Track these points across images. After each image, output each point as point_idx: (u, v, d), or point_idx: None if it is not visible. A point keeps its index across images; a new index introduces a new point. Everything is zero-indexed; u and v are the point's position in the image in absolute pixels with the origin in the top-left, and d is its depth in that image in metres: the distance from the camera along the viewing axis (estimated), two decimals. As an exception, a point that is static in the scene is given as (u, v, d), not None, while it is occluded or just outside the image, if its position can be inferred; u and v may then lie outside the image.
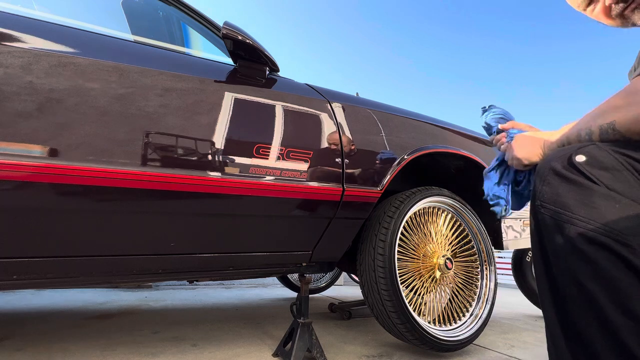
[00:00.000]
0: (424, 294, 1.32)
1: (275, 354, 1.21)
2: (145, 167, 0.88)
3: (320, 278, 2.71)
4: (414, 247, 1.34)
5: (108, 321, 1.63)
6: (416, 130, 1.43)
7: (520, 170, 0.76)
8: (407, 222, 1.32)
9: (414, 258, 1.33)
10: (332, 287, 2.84)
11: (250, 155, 1.02)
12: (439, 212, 1.44)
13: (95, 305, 1.99)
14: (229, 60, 1.15)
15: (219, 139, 0.99)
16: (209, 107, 1.00)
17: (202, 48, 1.37)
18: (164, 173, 0.90)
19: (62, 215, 0.84)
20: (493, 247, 1.55)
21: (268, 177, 1.03)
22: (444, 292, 1.38)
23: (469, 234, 1.49)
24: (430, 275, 1.33)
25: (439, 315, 1.35)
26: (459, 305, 1.40)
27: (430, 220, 1.40)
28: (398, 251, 1.26)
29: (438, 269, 1.32)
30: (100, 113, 0.85)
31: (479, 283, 1.46)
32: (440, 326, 1.32)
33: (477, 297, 1.44)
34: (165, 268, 1.01)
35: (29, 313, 1.76)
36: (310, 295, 1.40)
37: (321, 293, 2.78)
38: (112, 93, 0.88)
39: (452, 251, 1.42)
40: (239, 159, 1.00)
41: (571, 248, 0.49)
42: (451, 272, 1.35)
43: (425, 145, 1.39)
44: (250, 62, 1.13)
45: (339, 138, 1.19)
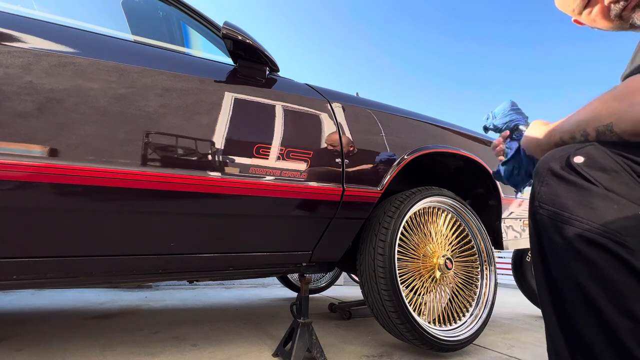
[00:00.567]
0: (424, 294, 1.31)
1: (275, 354, 1.21)
2: (145, 167, 0.88)
3: (320, 278, 2.71)
4: (414, 247, 1.34)
5: (108, 321, 1.63)
6: (416, 130, 1.43)
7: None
8: (407, 222, 1.32)
9: (414, 258, 1.33)
10: (332, 287, 2.84)
11: (250, 155, 1.02)
12: (439, 212, 1.44)
13: (95, 305, 1.99)
14: (229, 60, 1.15)
15: (219, 139, 0.99)
16: (209, 107, 1.00)
17: (202, 48, 1.37)
18: (164, 173, 0.90)
19: (62, 215, 0.84)
20: (493, 247, 1.55)
21: (268, 177, 1.03)
22: (444, 292, 1.38)
23: (469, 234, 1.49)
24: (430, 275, 1.33)
25: (439, 315, 1.35)
26: (459, 305, 1.40)
27: (430, 220, 1.40)
28: (398, 251, 1.26)
29: (438, 269, 1.32)
30: (100, 113, 0.85)
31: (479, 283, 1.46)
32: (440, 326, 1.32)
33: (477, 297, 1.44)
34: (165, 268, 1.01)
35: (29, 313, 1.76)
36: (310, 295, 1.40)
37: (321, 293, 2.78)
38: (112, 93, 0.88)
39: (452, 251, 1.42)
40: (239, 159, 1.00)
41: (570, 249, 0.49)
42: (451, 272, 1.35)
43: (425, 145, 1.39)
44: (250, 62, 1.13)
45: (339, 138, 1.19)
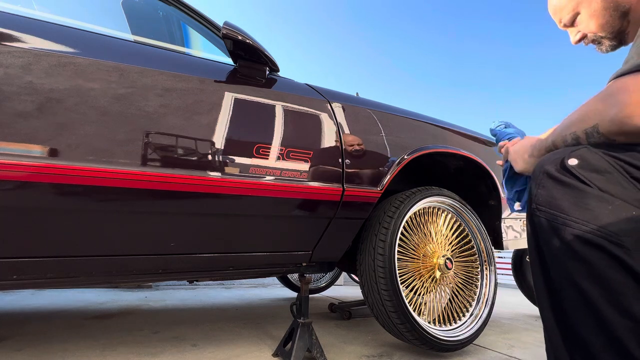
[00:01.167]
0: (424, 294, 1.32)
1: (275, 354, 1.21)
2: (145, 167, 0.88)
3: (320, 278, 2.71)
4: (414, 247, 1.34)
5: (108, 321, 1.63)
6: (416, 130, 1.43)
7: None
8: (407, 222, 1.32)
9: (414, 258, 1.33)
10: (332, 287, 2.84)
11: (250, 155, 1.02)
12: (439, 212, 1.44)
13: (95, 305, 1.99)
14: (229, 60, 1.15)
15: (219, 139, 0.99)
16: (209, 107, 1.00)
17: (202, 48, 1.37)
18: (164, 173, 0.90)
19: (62, 215, 0.84)
20: (493, 247, 1.55)
21: (268, 177, 1.03)
22: (444, 292, 1.38)
23: (469, 234, 1.49)
24: (430, 275, 1.33)
25: (439, 315, 1.35)
26: (459, 305, 1.40)
27: (430, 220, 1.40)
28: (398, 251, 1.26)
29: (438, 269, 1.32)
30: (100, 113, 0.85)
31: (479, 283, 1.46)
32: (440, 326, 1.32)
33: (477, 297, 1.44)
34: (165, 268, 1.01)
35: (29, 313, 1.76)
36: (310, 295, 1.40)
37: (321, 293, 2.78)
38: (112, 93, 0.88)
39: (452, 251, 1.42)
40: (239, 159, 1.00)
41: (567, 249, 0.50)
42: (451, 272, 1.35)
43: (425, 145, 1.39)
44: (250, 62, 1.13)
45: (339, 138, 1.19)
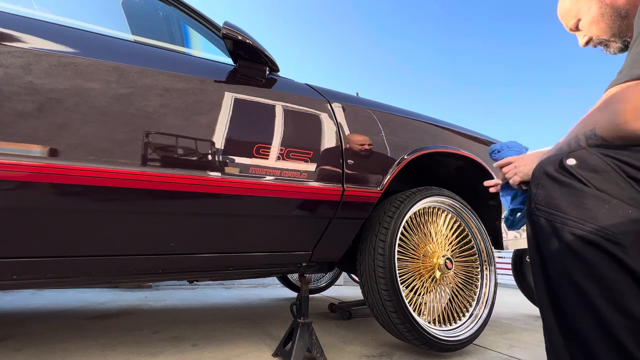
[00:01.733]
0: (424, 294, 1.32)
1: (275, 354, 1.21)
2: (145, 167, 0.88)
3: (320, 278, 2.71)
4: (414, 247, 1.34)
5: (108, 321, 1.63)
6: (416, 131, 1.43)
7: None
8: (407, 222, 1.32)
9: (414, 258, 1.33)
10: (332, 287, 2.84)
11: (250, 155, 1.02)
12: (439, 212, 1.44)
13: (95, 305, 1.99)
14: (229, 60, 1.15)
15: (219, 139, 0.99)
16: (209, 107, 1.00)
17: (202, 48, 1.37)
18: (164, 173, 0.90)
19: (62, 215, 0.84)
20: (493, 247, 1.55)
21: (268, 177, 1.03)
22: (444, 292, 1.38)
23: (469, 234, 1.49)
24: (430, 275, 1.33)
25: (439, 315, 1.35)
26: (459, 305, 1.40)
27: (430, 220, 1.40)
28: (398, 251, 1.26)
29: (438, 269, 1.32)
30: (100, 113, 0.85)
31: (479, 283, 1.46)
32: (440, 326, 1.32)
33: (477, 297, 1.44)
34: (165, 268, 1.01)
35: (29, 313, 1.76)
36: (310, 295, 1.40)
37: (321, 293, 2.78)
38: (112, 93, 0.88)
39: (452, 251, 1.42)
40: (239, 159, 1.00)
41: (565, 248, 0.51)
42: (451, 272, 1.35)
43: (425, 145, 1.39)
44: (250, 62, 1.13)
45: (339, 138, 1.19)
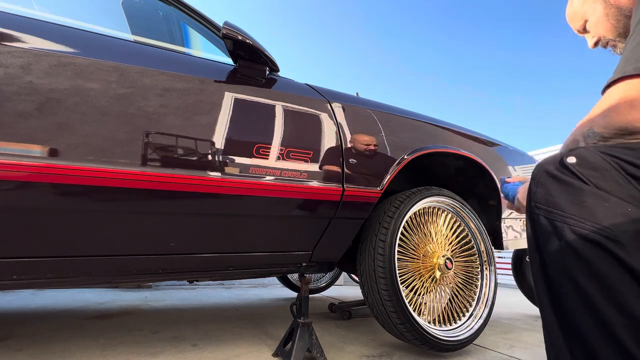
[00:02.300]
0: (424, 294, 1.31)
1: (275, 354, 1.21)
2: (145, 167, 0.88)
3: (320, 278, 2.71)
4: (414, 247, 1.34)
5: (108, 321, 1.63)
6: (416, 130, 1.43)
7: None
8: (407, 222, 1.32)
9: (414, 258, 1.33)
10: (332, 287, 2.84)
11: (250, 155, 1.02)
12: (439, 212, 1.44)
13: (95, 305, 1.99)
14: (229, 60, 1.15)
15: (219, 139, 0.99)
16: (209, 107, 1.00)
17: (202, 48, 1.37)
18: (164, 173, 0.90)
19: (62, 215, 0.84)
20: (493, 247, 1.55)
21: (268, 177, 1.03)
22: (444, 292, 1.38)
23: (469, 234, 1.49)
24: (430, 275, 1.33)
25: (439, 315, 1.35)
26: (459, 305, 1.40)
27: (430, 220, 1.40)
28: (398, 251, 1.26)
29: (438, 269, 1.32)
30: (100, 113, 0.85)
31: (479, 283, 1.46)
32: (440, 326, 1.32)
33: (477, 297, 1.44)
34: (165, 268, 1.01)
35: (29, 313, 1.76)
36: (310, 295, 1.40)
37: (321, 293, 2.78)
38: (112, 93, 0.88)
39: (452, 251, 1.42)
40: (239, 159, 1.00)
41: (564, 246, 0.51)
42: (451, 272, 1.35)
43: (425, 145, 1.39)
44: (250, 62, 1.13)
45: (339, 138, 1.19)
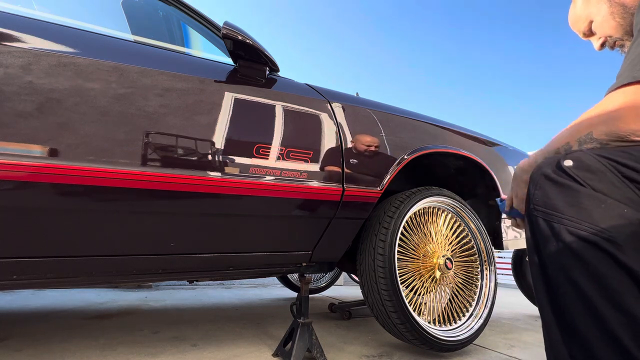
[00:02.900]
0: (424, 294, 1.32)
1: (275, 354, 1.21)
2: (145, 167, 0.88)
3: (320, 278, 2.71)
4: (414, 247, 1.34)
5: (108, 321, 1.63)
6: (416, 130, 1.43)
7: None
8: (407, 222, 1.32)
9: (414, 258, 1.33)
10: (332, 287, 2.84)
11: (250, 155, 1.02)
12: (439, 212, 1.44)
13: (95, 305, 1.99)
14: (229, 60, 1.15)
15: (219, 139, 0.99)
16: (209, 107, 1.00)
17: (202, 48, 1.37)
18: (164, 173, 0.90)
19: (62, 215, 0.84)
20: (493, 247, 1.55)
21: (268, 177, 1.03)
22: (444, 292, 1.38)
23: (469, 234, 1.49)
24: (430, 275, 1.33)
25: (439, 315, 1.35)
26: (459, 305, 1.40)
27: (430, 220, 1.40)
28: (398, 251, 1.26)
29: (438, 269, 1.32)
30: (100, 113, 0.85)
31: (479, 283, 1.46)
32: (440, 326, 1.32)
33: (477, 297, 1.44)
34: (165, 268, 1.01)
35: (29, 313, 1.76)
36: (310, 295, 1.40)
37: (321, 293, 2.78)
38: (112, 93, 0.88)
39: (452, 251, 1.42)
40: (239, 159, 1.00)
41: (563, 247, 0.52)
42: (451, 272, 1.35)
43: (425, 145, 1.39)
44: (250, 62, 1.13)
45: (339, 138, 1.19)
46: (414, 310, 1.25)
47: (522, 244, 1.75)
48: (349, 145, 1.20)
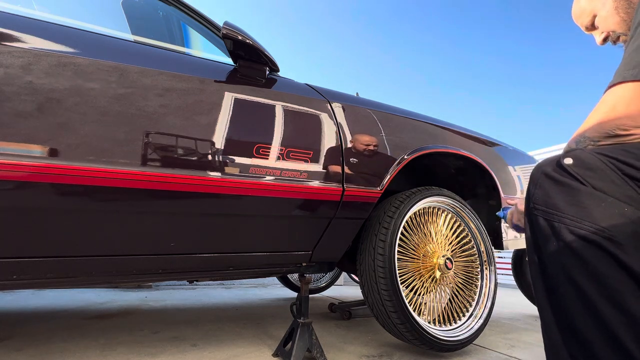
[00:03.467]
0: (424, 294, 1.31)
1: (275, 354, 1.21)
2: (145, 167, 0.88)
3: (320, 278, 2.71)
4: (414, 247, 1.34)
5: (108, 321, 1.63)
6: (416, 130, 1.43)
7: None
8: (407, 222, 1.32)
9: (414, 258, 1.33)
10: (332, 287, 2.84)
11: (250, 155, 1.02)
12: (439, 212, 1.44)
13: (95, 305, 1.99)
14: (229, 60, 1.15)
15: (219, 139, 0.99)
16: (209, 107, 1.00)
17: (202, 48, 1.37)
18: (164, 173, 0.90)
19: (62, 215, 0.84)
20: (493, 247, 1.55)
21: (268, 177, 1.03)
22: (444, 292, 1.38)
23: (469, 234, 1.49)
24: (430, 275, 1.33)
25: (439, 315, 1.35)
26: (459, 305, 1.40)
27: (430, 220, 1.40)
28: (398, 251, 1.26)
29: (438, 269, 1.32)
30: (100, 113, 0.85)
31: (479, 283, 1.46)
32: (440, 326, 1.32)
33: (477, 297, 1.44)
34: (165, 268, 1.01)
35: (29, 313, 1.76)
36: (310, 295, 1.40)
37: (321, 293, 2.78)
38: (112, 93, 0.88)
39: (452, 251, 1.42)
40: (239, 159, 1.00)
41: (563, 246, 0.52)
42: (451, 272, 1.35)
43: (425, 145, 1.39)
44: (250, 62, 1.13)
45: (339, 138, 1.19)
46: (414, 310, 1.25)
47: (522, 244, 1.75)
48: (349, 145, 1.20)
